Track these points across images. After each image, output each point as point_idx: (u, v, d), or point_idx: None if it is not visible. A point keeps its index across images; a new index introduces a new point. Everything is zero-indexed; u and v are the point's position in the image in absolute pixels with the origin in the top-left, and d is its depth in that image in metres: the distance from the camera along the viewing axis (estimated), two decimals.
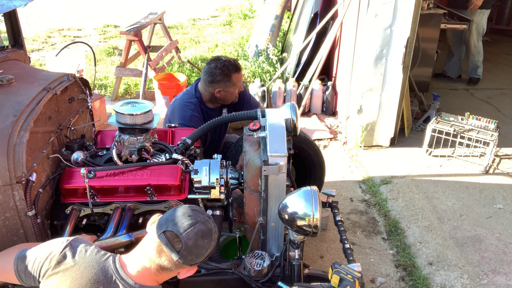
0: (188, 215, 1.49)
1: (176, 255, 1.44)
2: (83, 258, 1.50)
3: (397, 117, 4.23)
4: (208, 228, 1.50)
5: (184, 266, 1.49)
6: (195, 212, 1.51)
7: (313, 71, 4.94)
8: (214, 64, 2.84)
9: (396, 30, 3.85)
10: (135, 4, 9.73)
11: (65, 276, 1.48)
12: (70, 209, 2.01)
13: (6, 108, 1.91)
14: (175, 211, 1.51)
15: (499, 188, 3.74)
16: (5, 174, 1.73)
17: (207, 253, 1.51)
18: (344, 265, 1.67)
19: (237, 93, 2.95)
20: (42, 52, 7.05)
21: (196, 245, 1.46)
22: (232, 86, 2.87)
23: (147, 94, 5.17)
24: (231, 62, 2.86)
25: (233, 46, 6.92)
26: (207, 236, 1.49)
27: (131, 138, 2.15)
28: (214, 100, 2.93)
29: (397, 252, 3.10)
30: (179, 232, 1.44)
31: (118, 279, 1.47)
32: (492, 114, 4.72)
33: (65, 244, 1.54)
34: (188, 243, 1.44)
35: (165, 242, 1.44)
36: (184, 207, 1.53)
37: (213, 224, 1.54)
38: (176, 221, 1.46)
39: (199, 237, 1.46)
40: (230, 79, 2.83)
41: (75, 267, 1.48)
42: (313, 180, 2.95)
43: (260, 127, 2.10)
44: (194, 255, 1.47)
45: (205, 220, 1.51)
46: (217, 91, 2.85)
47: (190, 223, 1.46)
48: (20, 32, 2.65)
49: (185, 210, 1.51)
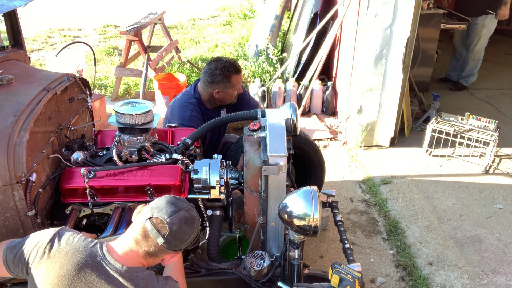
0: (171, 203, 1.58)
1: (161, 239, 1.52)
2: (70, 245, 1.55)
3: (397, 117, 4.23)
4: (191, 215, 1.60)
5: (168, 251, 1.58)
6: (178, 201, 1.62)
7: (313, 71, 4.94)
8: (214, 64, 2.84)
9: (396, 30, 3.85)
10: (135, 4, 9.73)
11: (54, 263, 1.52)
12: (70, 209, 2.01)
13: (6, 108, 1.91)
14: (160, 200, 1.60)
15: (499, 188, 3.74)
16: (5, 174, 1.73)
17: (190, 239, 1.61)
18: (344, 265, 1.68)
19: (236, 94, 2.95)
20: (42, 52, 7.05)
21: (180, 230, 1.55)
22: (232, 87, 2.87)
23: (147, 94, 5.17)
24: (232, 64, 2.86)
25: (233, 46, 6.92)
26: (190, 222, 1.59)
27: (131, 138, 2.15)
28: (212, 101, 2.93)
29: (397, 252, 3.10)
30: (164, 218, 1.53)
31: (105, 263, 1.53)
32: (492, 114, 4.72)
33: (52, 234, 1.58)
34: (172, 228, 1.53)
35: (151, 227, 1.53)
36: (168, 196, 1.63)
37: (196, 213, 1.64)
38: (161, 208, 1.55)
39: (182, 223, 1.56)
40: (230, 80, 2.83)
41: (62, 254, 1.53)
42: (313, 180, 2.95)
43: (260, 127, 2.10)
44: (178, 241, 1.56)
45: (188, 208, 1.61)
46: (216, 92, 2.85)
47: (174, 210, 1.56)
48: (20, 32, 2.65)
49: (169, 199, 1.60)
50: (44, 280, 1.51)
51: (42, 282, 1.51)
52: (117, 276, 1.51)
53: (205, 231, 2.14)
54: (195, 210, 1.65)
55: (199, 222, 1.65)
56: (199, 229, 1.68)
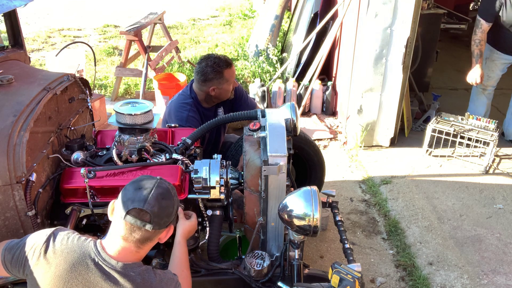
0: (139, 187, 1.53)
1: (150, 225, 1.50)
2: (65, 245, 1.54)
3: (397, 117, 4.23)
4: (164, 188, 1.56)
5: (161, 230, 1.56)
6: (144, 182, 1.56)
7: (313, 71, 4.94)
8: (204, 62, 2.84)
9: (396, 30, 3.85)
10: (135, 4, 9.73)
11: (49, 264, 1.52)
12: (70, 209, 2.00)
13: (6, 108, 1.91)
14: (127, 190, 1.54)
15: (499, 188, 3.74)
16: (5, 174, 1.73)
17: (175, 209, 1.60)
18: (344, 265, 1.67)
19: (231, 89, 2.94)
20: (42, 52, 7.05)
21: (162, 207, 1.52)
22: (226, 82, 2.85)
23: (147, 94, 5.17)
24: (222, 59, 2.85)
25: (233, 46, 6.92)
26: (167, 195, 1.56)
27: (131, 138, 2.15)
28: (209, 99, 2.92)
29: (397, 252, 3.10)
30: (141, 206, 1.49)
31: (100, 260, 1.51)
32: (492, 114, 4.71)
33: (47, 235, 1.57)
34: (154, 210, 1.50)
35: (133, 220, 1.49)
36: (131, 183, 1.57)
37: (166, 182, 1.61)
38: (133, 197, 1.51)
39: (160, 199, 1.52)
40: (223, 75, 2.82)
41: (57, 254, 1.52)
42: (313, 180, 2.95)
43: (260, 127, 2.10)
44: (165, 217, 1.54)
45: (157, 183, 1.56)
46: (211, 89, 2.85)
47: (145, 193, 1.52)
48: (20, 32, 2.65)
49: (134, 185, 1.55)
50: (41, 281, 1.51)
51: (40, 283, 1.52)
52: (113, 273, 1.50)
53: (205, 231, 2.14)
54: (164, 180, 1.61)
55: (174, 189, 1.62)
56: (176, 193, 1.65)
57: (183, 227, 1.91)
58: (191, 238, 2.04)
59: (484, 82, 4.26)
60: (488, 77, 4.23)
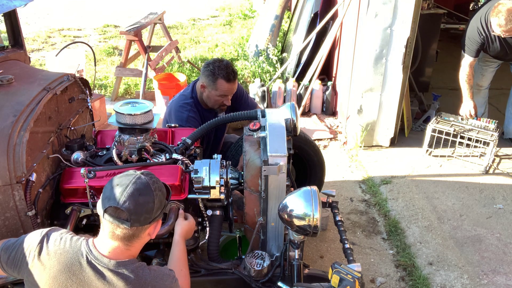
0: (116, 184, 1.50)
1: (127, 223, 1.46)
2: (58, 246, 1.53)
3: (397, 117, 4.23)
4: (141, 183, 1.50)
5: (144, 227, 1.51)
6: (122, 178, 1.52)
7: (313, 71, 4.94)
8: (213, 61, 2.84)
9: (396, 30, 3.85)
10: (135, 4, 9.73)
11: (44, 265, 1.52)
12: (70, 209, 2.01)
13: (6, 108, 1.91)
14: (105, 189, 1.52)
15: (499, 188, 3.74)
16: (5, 174, 1.73)
17: (156, 205, 1.52)
18: (344, 265, 1.68)
19: (219, 102, 2.84)
20: (42, 52, 7.05)
21: (138, 204, 1.47)
22: (214, 89, 2.79)
23: (147, 94, 5.17)
24: (226, 69, 2.76)
25: (233, 46, 6.92)
26: (145, 190, 1.49)
27: (131, 138, 2.15)
28: (202, 100, 2.91)
29: (397, 252, 3.10)
30: (116, 204, 1.45)
31: (93, 259, 1.51)
32: (492, 114, 4.71)
33: (41, 236, 1.57)
34: (129, 207, 1.45)
35: (111, 219, 1.47)
36: (110, 180, 1.54)
37: (148, 177, 1.54)
38: (110, 195, 1.48)
39: (137, 196, 1.47)
40: (216, 81, 2.76)
41: (51, 255, 1.52)
42: (313, 180, 2.95)
43: (260, 127, 2.10)
44: (144, 213, 1.48)
45: (135, 179, 1.51)
46: (201, 85, 2.82)
47: (121, 190, 1.47)
48: (20, 32, 2.65)
49: (113, 182, 1.52)
50: (38, 283, 1.52)
51: (36, 285, 1.52)
52: (105, 272, 1.49)
53: (205, 231, 2.14)
54: (147, 174, 1.55)
55: (157, 183, 1.55)
56: (162, 187, 1.58)
57: (181, 227, 1.91)
58: (191, 238, 2.04)
59: (479, 82, 4.26)
60: (482, 76, 4.24)
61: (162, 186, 1.58)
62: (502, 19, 3.45)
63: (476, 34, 3.76)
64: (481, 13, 3.75)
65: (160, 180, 1.60)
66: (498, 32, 3.57)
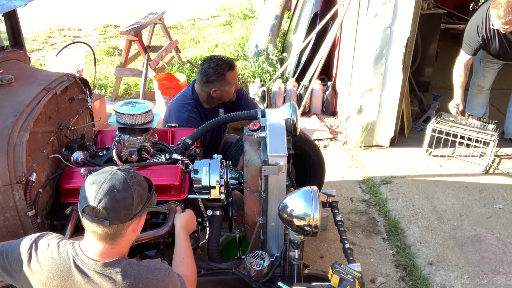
0: (91, 183, 1.46)
1: (106, 222, 1.42)
2: (45, 253, 1.52)
3: (397, 117, 4.23)
4: (117, 179, 1.46)
5: (126, 224, 1.48)
6: (97, 176, 1.47)
7: (313, 71, 4.94)
8: (207, 64, 2.84)
9: (396, 30, 3.85)
10: (135, 4, 9.73)
11: (34, 273, 1.51)
12: (70, 209, 2.01)
13: (6, 108, 1.91)
14: (82, 188, 1.48)
15: (499, 188, 3.74)
16: (5, 174, 1.73)
17: (136, 200, 1.47)
18: (344, 265, 1.67)
19: (233, 90, 2.93)
20: (42, 52, 7.05)
21: (115, 201, 1.43)
22: (228, 84, 2.85)
23: (147, 94, 5.17)
24: (224, 61, 2.84)
25: (233, 46, 6.92)
26: (121, 186, 1.45)
27: (131, 138, 2.15)
28: (211, 100, 2.92)
29: (397, 252, 3.10)
30: (92, 203, 1.42)
31: (80, 263, 1.49)
32: (492, 114, 4.71)
33: (29, 243, 1.55)
34: (106, 205, 1.41)
35: (90, 219, 1.43)
36: (86, 179, 1.50)
37: (125, 172, 1.49)
38: (86, 195, 1.44)
39: (113, 193, 1.43)
40: (225, 77, 2.82)
41: (40, 263, 1.51)
42: (313, 180, 2.95)
43: (260, 127, 2.10)
44: (123, 210, 1.44)
45: (110, 175, 1.46)
46: (213, 91, 2.85)
47: (96, 188, 1.43)
48: (20, 32, 2.65)
49: (88, 181, 1.48)
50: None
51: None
52: (92, 274, 1.48)
53: (205, 231, 2.14)
54: (125, 168, 1.51)
55: (136, 178, 1.50)
56: (142, 181, 1.52)
57: (180, 219, 1.92)
58: (191, 238, 2.04)
59: (480, 83, 4.26)
60: (483, 77, 4.23)
61: (142, 181, 1.53)
62: (501, 10, 3.44)
63: (475, 31, 3.76)
64: (483, 10, 3.74)
65: (140, 174, 1.55)
66: (497, 25, 3.54)
